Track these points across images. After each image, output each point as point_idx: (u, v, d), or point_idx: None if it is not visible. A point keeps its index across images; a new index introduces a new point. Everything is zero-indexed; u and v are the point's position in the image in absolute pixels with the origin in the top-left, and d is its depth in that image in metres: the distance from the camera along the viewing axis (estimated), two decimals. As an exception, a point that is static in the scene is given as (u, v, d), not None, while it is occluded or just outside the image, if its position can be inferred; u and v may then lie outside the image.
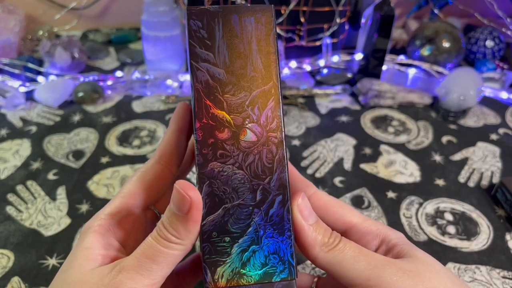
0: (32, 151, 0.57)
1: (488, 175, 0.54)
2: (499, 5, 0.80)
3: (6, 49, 0.78)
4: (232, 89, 0.23)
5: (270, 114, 0.23)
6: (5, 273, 0.41)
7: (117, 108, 0.67)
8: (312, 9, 0.72)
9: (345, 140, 0.60)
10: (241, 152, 0.22)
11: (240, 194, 0.22)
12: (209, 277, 0.22)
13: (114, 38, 0.88)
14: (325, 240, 0.22)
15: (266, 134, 0.23)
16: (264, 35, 0.23)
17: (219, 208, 0.22)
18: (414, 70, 0.73)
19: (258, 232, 0.22)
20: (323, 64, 0.75)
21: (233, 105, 0.23)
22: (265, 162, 0.22)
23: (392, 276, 0.20)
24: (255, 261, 0.22)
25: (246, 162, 0.22)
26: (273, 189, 0.22)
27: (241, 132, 0.23)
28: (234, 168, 0.22)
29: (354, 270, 0.21)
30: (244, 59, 0.23)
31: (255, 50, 0.23)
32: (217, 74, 0.23)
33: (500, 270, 0.42)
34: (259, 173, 0.22)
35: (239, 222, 0.22)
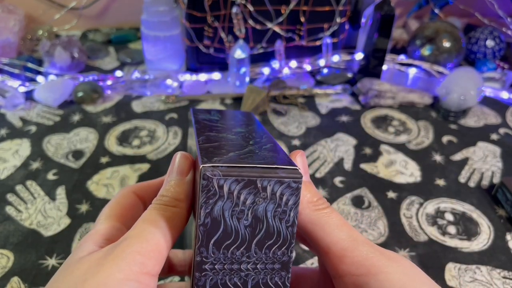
0: (32, 151, 0.57)
1: (488, 175, 0.54)
2: (500, 5, 0.79)
3: (6, 49, 0.78)
4: None
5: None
6: (4, 273, 0.41)
7: (117, 108, 0.67)
8: (312, 9, 0.72)
9: (345, 140, 0.60)
10: None
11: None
12: (205, 160, 0.19)
13: (114, 38, 0.87)
14: (314, 199, 0.21)
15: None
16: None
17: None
18: (414, 70, 0.73)
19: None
20: (323, 64, 0.75)
21: None
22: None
23: (369, 252, 0.20)
24: (254, 158, 0.20)
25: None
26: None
27: None
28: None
29: (334, 237, 0.20)
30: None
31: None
32: None
33: (501, 270, 0.42)
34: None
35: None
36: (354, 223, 0.47)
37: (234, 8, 0.67)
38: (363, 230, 0.46)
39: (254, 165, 0.19)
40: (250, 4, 0.69)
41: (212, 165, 0.19)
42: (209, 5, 0.68)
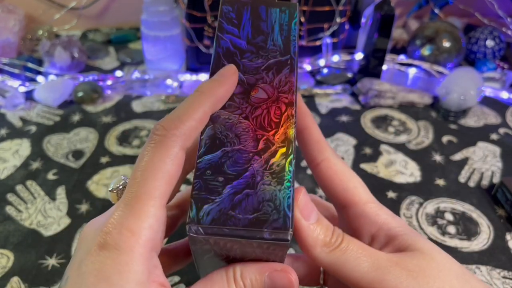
0: (32, 151, 0.57)
1: (488, 175, 0.54)
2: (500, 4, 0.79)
3: (6, 49, 0.78)
4: (250, 56, 0.24)
5: (284, 79, 0.23)
6: (4, 273, 0.41)
7: (117, 108, 0.67)
8: (312, 9, 0.72)
9: (345, 140, 0.60)
10: (250, 106, 0.23)
11: (242, 141, 0.22)
12: (193, 213, 0.19)
13: (113, 38, 0.87)
14: (327, 240, 0.21)
15: (277, 94, 0.23)
16: (287, 21, 0.25)
17: (218, 150, 0.21)
18: (414, 70, 0.73)
19: (255, 178, 0.21)
20: (323, 64, 0.75)
21: (249, 68, 0.24)
22: (273, 116, 0.22)
23: (396, 279, 0.20)
24: (247, 205, 0.20)
25: (253, 114, 0.22)
26: (277, 141, 0.22)
27: (253, 89, 0.23)
28: (240, 118, 0.22)
29: (356, 272, 0.20)
30: (266, 36, 0.25)
31: (277, 30, 0.25)
32: (239, 44, 0.24)
33: (501, 270, 0.42)
34: (265, 125, 0.22)
35: (236, 165, 0.21)
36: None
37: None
38: (363, 230, 0.46)
39: (239, 228, 0.20)
40: None
41: (196, 226, 0.19)
42: (209, 5, 0.68)
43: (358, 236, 0.23)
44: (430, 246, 0.22)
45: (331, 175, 0.24)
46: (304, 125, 0.25)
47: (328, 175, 0.24)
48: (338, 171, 0.24)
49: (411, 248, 0.21)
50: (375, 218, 0.23)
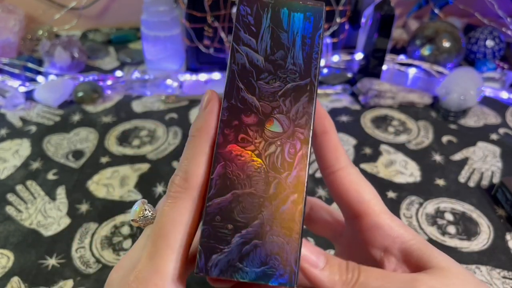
0: (32, 151, 0.57)
1: (488, 175, 0.54)
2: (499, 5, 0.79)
3: (6, 49, 0.78)
4: (267, 77, 0.22)
5: (301, 110, 0.22)
6: (4, 273, 0.41)
7: (117, 108, 0.67)
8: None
9: (345, 140, 0.60)
10: (264, 141, 0.22)
11: (253, 183, 0.21)
12: (202, 263, 0.20)
13: (114, 38, 0.87)
14: (343, 278, 0.21)
15: (293, 128, 0.22)
16: (311, 33, 0.23)
17: (228, 192, 0.21)
18: (414, 70, 0.73)
19: (264, 227, 0.21)
20: (323, 64, 0.75)
21: (265, 93, 0.22)
22: (287, 156, 0.21)
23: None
24: (254, 257, 0.20)
25: (267, 152, 0.21)
26: (289, 186, 0.21)
27: (267, 121, 0.22)
28: (252, 156, 0.21)
29: None
30: (286, 51, 0.23)
31: (299, 45, 0.23)
32: (255, 60, 0.23)
33: (500, 270, 0.42)
34: (277, 166, 0.21)
35: (246, 211, 0.21)
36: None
37: (234, 8, 0.67)
38: (363, 230, 0.46)
39: (246, 281, 0.20)
40: None
41: (204, 276, 0.20)
42: (209, 5, 0.68)
43: (370, 247, 0.23)
44: (446, 260, 0.22)
45: (347, 185, 0.23)
46: (323, 129, 0.24)
47: (344, 186, 0.23)
48: (353, 181, 0.24)
49: (429, 265, 0.21)
50: (388, 231, 0.23)
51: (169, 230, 0.20)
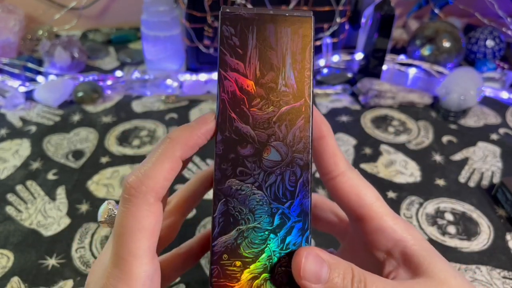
0: (32, 151, 0.57)
1: (488, 175, 0.54)
2: (500, 5, 0.79)
3: (6, 49, 0.78)
4: (259, 103, 0.21)
5: (298, 134, 0.21)
6: (4, 273, 0.41)
7: (117, 108, 0.67)
8: (312, 9, 0.72)
9: (345, 140, 0.60)
10: (263, 171, 0.21)
11: (257, 217, 0.21)
12: None
13: (114, 38, 0.87)
14: (349, 287, 0.20)
15: (292, 154, 0.21)
16: (300, 48, 0.22)
17: (233, 229, 0.21)
18: (414, 70, 0.73)
19: (271, 260, 0.21)
20: (323, 64, 0.75)
21: (259, 120, 0.21)
22: (288, 184, 0.21)
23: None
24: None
25: (267, 183, 0.21)
26: (293, 215, 0.21)
27: (264, 150, 0.21)
28: (253, 188, 0.21)
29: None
30: (276, 72, 0.22)
31: (289, 63, 0.22)
32: (246, 86, 0.21)
33: (501, 270, 0.42)
34: (279, 196, 0.21)
35: (252, 246, 0.21)
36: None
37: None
38: (363, 230, 0.46)
39: None
40: (250, 4, 0.69)
41: None
42: (209, 5, 0.68)
43: (374, 249, 0.23)
44: (446, 271, 0.21)
45: (347, 190, 0.23)
46: (320, 134, 0.23)
47: (344, 191, 0.23)
48: (353, 186, 0.23)
49: (427, 273, 0.21)
50: (392, 234, 0.23)
51: (127, 239, 0.20)
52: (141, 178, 0.20)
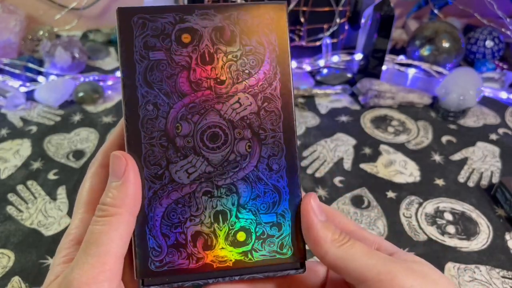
0: (33, 151, 0.57)
1: (487, 175, 0.55)
2: (499, 5, 0.80)
3: (7, 49, 0.78)
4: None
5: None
6: (5, 273, 0.41)
7: (118, 108, 0.67)
8: (312, 9, 0.72)
9: (345, 140, 0.60)
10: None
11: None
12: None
13: (114, 38, 0.88)
14: (335, 237, 0.22)
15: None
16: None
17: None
18: (414, 70, 0.73)
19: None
20: (323, 64, 0.75)
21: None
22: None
23: (403, 272, 0.20)
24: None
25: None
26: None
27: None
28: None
29: (365, 265, 0.21)
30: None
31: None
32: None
33: (500, 270, 0.42)
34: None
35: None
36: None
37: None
38: (362, 230, 0.46)
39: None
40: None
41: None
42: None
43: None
44: (426, 263, 0.22)
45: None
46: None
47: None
48: (327, 210, 0.24)
49: (410, 261, 0.22)
50: (373, 239, 0.24)
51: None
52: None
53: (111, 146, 0.24)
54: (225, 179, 0.22)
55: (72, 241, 0.22)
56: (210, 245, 0.22)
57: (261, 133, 0.22)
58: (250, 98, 0.22)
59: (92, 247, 0.20)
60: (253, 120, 0.22)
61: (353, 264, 0.21)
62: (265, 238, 0.22)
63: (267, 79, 0.22)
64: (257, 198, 0.22)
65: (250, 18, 0.22)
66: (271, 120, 0.22)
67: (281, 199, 0.23)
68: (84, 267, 0.19)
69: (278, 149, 0.22)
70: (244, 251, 0.22)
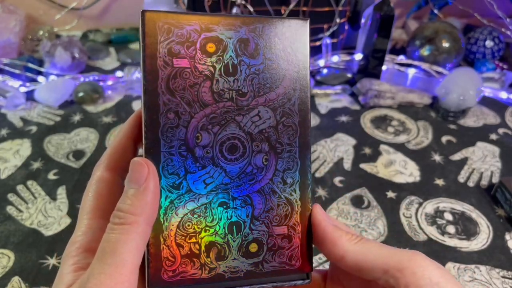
0: (33, 151, 0.57)
1: (487, 175, 0.55)
2: (499, 5, 0.80)
3: (7, 49, 0.78)
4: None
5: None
6: (5, 273, 0.41)
7: (117, 108, 0.67)
8: (312, 9, 0.72)
9: (345, 140, 0.60)
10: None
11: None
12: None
13: (114, 38, 0.88)
14: (349, 236, 0.23)
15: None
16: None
17: None
18: (413, 70, 0.73)
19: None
20: (323, 64, 0.75)
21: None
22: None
23: (424, 257, 0.21)
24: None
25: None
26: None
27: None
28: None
29: (386, 255, 0.21)
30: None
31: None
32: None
33: (500, 270, 0.42)
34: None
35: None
36: (353, 223, 0.47)
37: (234, 8, 0.67)
38: (362, 230, 0.46)
39: None
40: (250, 5, 0.69)
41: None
42: (209, 5, 0.68)
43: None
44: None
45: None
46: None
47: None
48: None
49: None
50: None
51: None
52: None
53: (117, 149, 0.24)
54: (241, 191, 0.22)
55: (79, 248, 0.22)
56: (223, 255, 0.22)
57: (278, 147, 0.23)
58: (270, 112, 0.22)
59: (108, 256, 0.19)
60: (271, 134, 0.22)
61: (374, 256, 0.22)
62: (276, 249, 0.23)
63: (287, 94, 0.23)
64: (270, 210, 0.23)
65: (274, 32, 0.22)
66: (288, 135, 0.23)
67: (293, 212, 0.23)
68: (101, 277, 0.19)
69: (293, 163, 0.23)
70: (255, 262, 0.23)
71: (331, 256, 0.23)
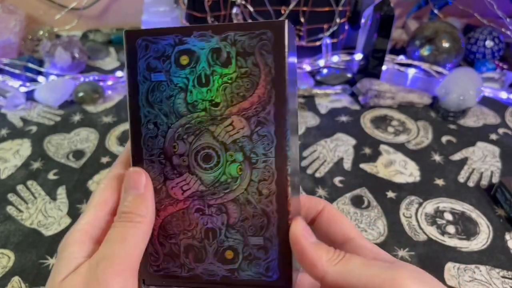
0: (33, 151, 0.57)
1: (487, 175, 0.55)
2: (499, 5, 0.80)
3: (7, 49, 0.78)
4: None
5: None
6: (5, 273, 0.41)
7: (118, 108, 0.67)
8: (312, 9, 0.72)
9: (345, 140, 0.60)
10: None
11: None
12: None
13: (114, 38, 0.88)
14: (330, 255, 0.22)
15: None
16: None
17: None
18: (413, 70, 0.73)
19: None
20: (323, 64, 0.75)
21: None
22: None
23: (407, 276, 0.20)
24: None
25: None
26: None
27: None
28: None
29: (368, 276, 0.20)
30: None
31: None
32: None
33: (500, 270, 0.42)
34: None
35: None
36: (353, 223, 0.47)
37: (234, 8, 0.67)
38: (362, 230, 0.46)
39: None
40: (250, 5, 0.69)
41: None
42: (209, 5, 0.68)
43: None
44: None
45: (330, 217, 0.25)
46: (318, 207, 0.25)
47: (328, 218, 0.25)
48: (335, 214, 0.26)
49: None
50: (371, 248, 0.24)
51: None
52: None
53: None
54: (216, 199, 0.23)
55: (83, 235, 0.23)
56: (200, 258, 0.23)
57: (253, 157, 0.22)
58: (244, 121, 0.22)
59: (119, 241, 0.21)
60: (245, 144, 0.22)
61: (355, 278, 0.21)
62: (251, 259, 0.23)
63: (261, 102, 0.22)
64: (245, 220, 0.23)
65: (247, 38, 0.22)
66: (263, 145, 0.22)
67: (269, 223, 0.23)
68: (113, 258, 0.21)
69: (269, 174, 0.22)
70: (231, 269, 0.23)
71: (311, 275, 0.22)
